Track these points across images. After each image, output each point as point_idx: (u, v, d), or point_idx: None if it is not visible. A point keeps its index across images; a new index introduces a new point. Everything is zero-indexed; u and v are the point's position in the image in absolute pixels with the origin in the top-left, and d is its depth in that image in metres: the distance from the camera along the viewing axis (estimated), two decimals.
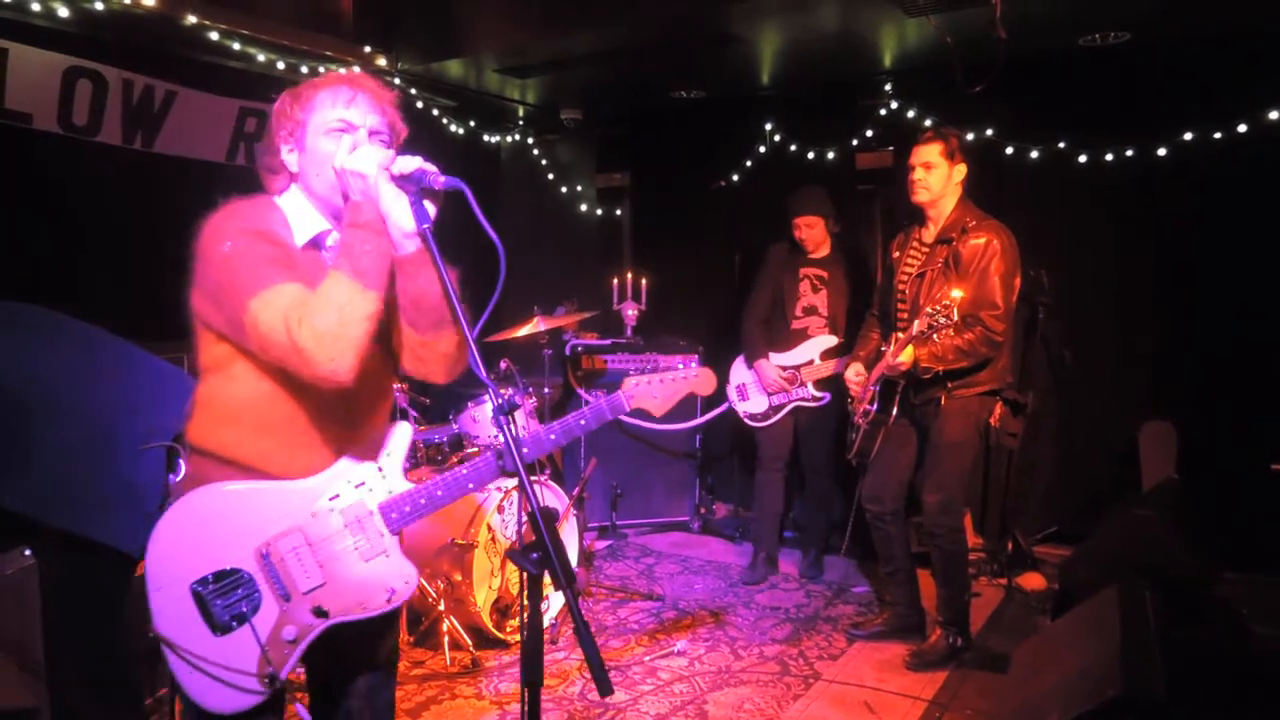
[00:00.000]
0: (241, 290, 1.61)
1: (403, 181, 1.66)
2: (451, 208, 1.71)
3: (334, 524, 1.78)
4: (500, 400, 1.58)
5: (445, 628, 3.59)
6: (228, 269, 1.64)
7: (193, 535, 1.72)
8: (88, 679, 2.57)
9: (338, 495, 1.78)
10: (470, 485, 1.85)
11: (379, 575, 1.80)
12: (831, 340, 4.53)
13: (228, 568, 1.72)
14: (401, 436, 1.87)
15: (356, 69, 4.78)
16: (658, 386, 2.11)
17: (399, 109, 1.82)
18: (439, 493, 1.83)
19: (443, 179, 1.64)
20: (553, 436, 1.99)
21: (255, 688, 1.71)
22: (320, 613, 1.76)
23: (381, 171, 1.65)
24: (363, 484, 1.80)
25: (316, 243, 1.78)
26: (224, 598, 1.71)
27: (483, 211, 1.55)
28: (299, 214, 1.78)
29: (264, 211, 1.76)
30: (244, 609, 1.72)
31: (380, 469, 1.82)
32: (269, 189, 1.81)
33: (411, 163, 1.66)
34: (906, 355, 3.36)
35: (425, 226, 1.64)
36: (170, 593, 1.70)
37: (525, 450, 1.82)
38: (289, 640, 1.74)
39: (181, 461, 2.33)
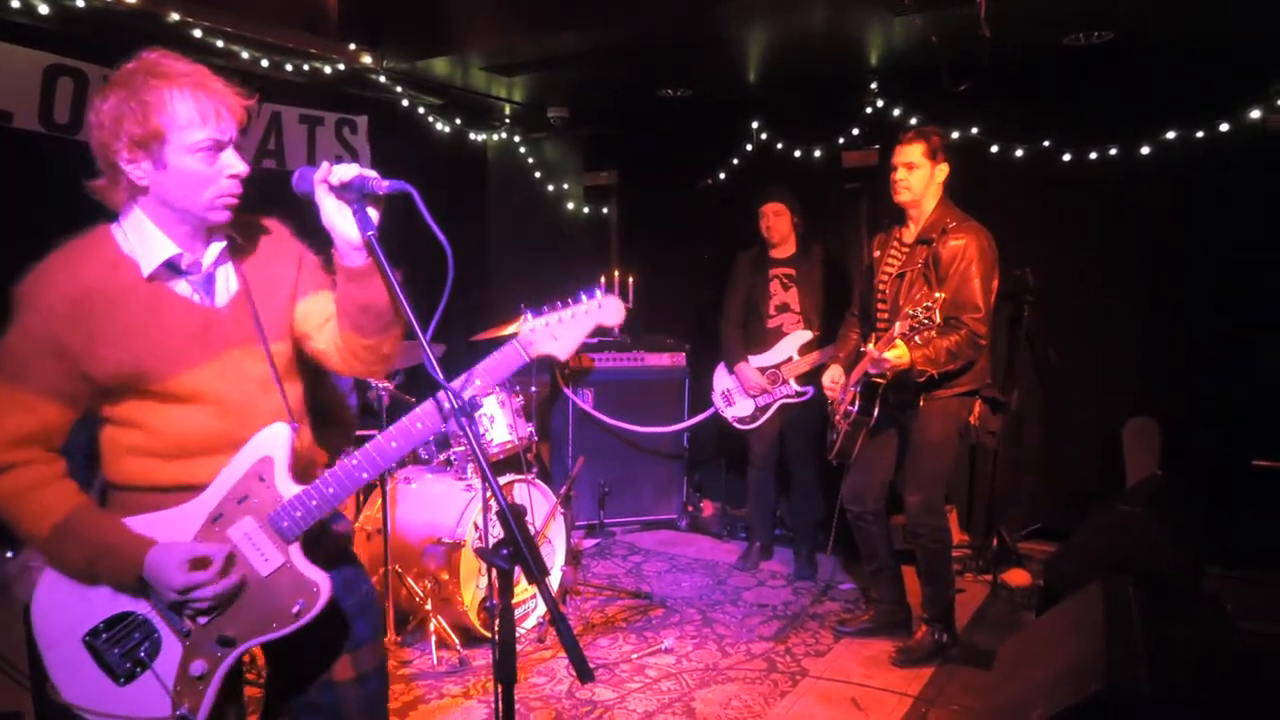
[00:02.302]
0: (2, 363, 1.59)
1: (342, 191, 1.59)
2: (389, 210, 1.66)
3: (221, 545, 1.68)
4: (459, 402, 1.50)
5: (432, 627, 3.58)
6: (6, 340, 1.59)
7: (75, 585, 1.63)
8: None
9: (220, 514, 1.67)
10: (364, 475, 1.72)
11: (282, 590, 1.68)
12: (807, 334, 4.58)
13: (118, 613, 1.63)
14: (278, 439, 1.72)
15: (342, 67, 4.76)
16: (558, 327, 1.82)
17: (243, 99, 1.68)
18: (330, 490, 1.71)
19: (386, 183, 1.58)
20: (469, 392, 1.80)
21: None
22: (226, 641, 1.65)
23: (319, 184, 1.58)
24: (245, 497, 1.69)
25: (173, 264, 1.67)
26: (120, 645, 1.62)
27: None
28: (142, 240, 1.66)
29: (92, 261, 1.64)
30: (143, 653, 1.62)
31: (261, 478, 1.70)
32: (106, 203, 1.71)
33: (349, 170, 1.58)
34: (896, 354, 3.27)
35: (370, 233, 1.59)
36: (64, 651, 1.61)
37: (449, 405, 1.64)
38: (198, 676, 1.64)
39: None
